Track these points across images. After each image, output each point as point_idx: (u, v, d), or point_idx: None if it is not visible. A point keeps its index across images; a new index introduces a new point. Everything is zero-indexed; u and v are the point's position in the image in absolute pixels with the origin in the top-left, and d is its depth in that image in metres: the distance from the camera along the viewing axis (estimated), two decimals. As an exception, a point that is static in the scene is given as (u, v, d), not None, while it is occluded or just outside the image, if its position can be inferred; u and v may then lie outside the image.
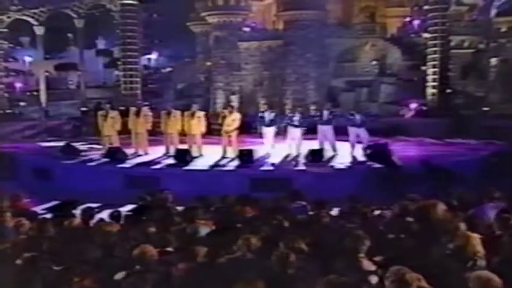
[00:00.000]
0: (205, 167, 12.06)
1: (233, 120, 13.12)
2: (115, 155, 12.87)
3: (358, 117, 13.25)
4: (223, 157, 13.06)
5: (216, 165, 12.35)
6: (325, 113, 13.34)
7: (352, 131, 13.20)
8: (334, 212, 6.67)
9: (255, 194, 8.12)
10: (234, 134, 13.24)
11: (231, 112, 13.36)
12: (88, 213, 6.27)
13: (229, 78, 25.49)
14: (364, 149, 12.24)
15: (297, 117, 13.27)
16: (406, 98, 22.45)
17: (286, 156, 13.10)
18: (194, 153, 13.16)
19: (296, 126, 13.16)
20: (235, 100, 24.86)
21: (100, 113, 14.01)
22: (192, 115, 13.42)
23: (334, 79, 25.38)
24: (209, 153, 13.38)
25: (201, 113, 13.67)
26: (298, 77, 24.52)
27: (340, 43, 25.63)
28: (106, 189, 10.73)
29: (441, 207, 4.74)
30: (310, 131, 13.45)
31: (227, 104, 17.24)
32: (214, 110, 22.98)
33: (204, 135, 13.73)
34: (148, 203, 7.04)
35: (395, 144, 14.30)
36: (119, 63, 26.31)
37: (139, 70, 25.25)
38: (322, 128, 13.26)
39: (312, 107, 14.09)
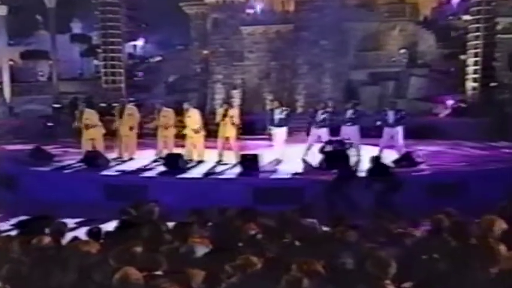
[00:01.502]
0: (201, 175, 12.14)
1: (231, 117, 13.26)
2: (94, 160, 12.94)
3: (391, 114, 13.26)
4: (220, 162, 13.17)
5: (214, 172, 12.43)
6: (349, 111, 13.44)
7: (387, 132, 13.23)
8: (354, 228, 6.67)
9: (259, 207, 8.11)
10: (232, 136, 13.35)
11: (227, 110, 13.43)
12: (60, 230, 6.27)
13: (230, 70, 25.59)
14: (398, 160, 12.28)
15: (320, 116, 13.39)
16: (440, 94, 22.46)
17: (303, 162, 13.07)
18: (194, 158, 13.33)
19: (321, 126, 13.29)
20: (236, 96, 24.95)
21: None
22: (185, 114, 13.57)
23: (354, 71, 25.43)
24: (207, 159, 13.48)
25: (195, 112, 13.74)
26: (311, 69, 24.56)
27: (362, 28, 25.70)
28: (83, 201, 10.79)
29: (499, 223, 4.72)
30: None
31: (225, 101, 17.22)
32: (212, 107, 23.04)
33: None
34: (133, 217, 7.04)
35: (427, 149, 14.31)
36: (98, 51, 26.53)
37: (123, 59, 25.43)
38: (346, 130, 13.36)
39: (329, 104, 14.13)
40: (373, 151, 13.31)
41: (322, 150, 10.94)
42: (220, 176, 12.11)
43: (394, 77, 25.23)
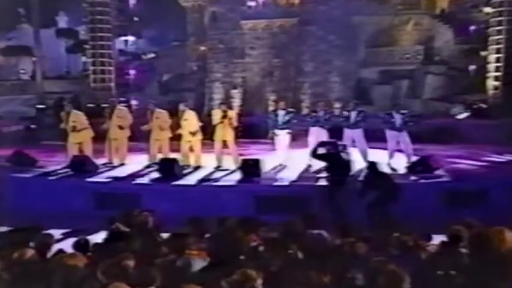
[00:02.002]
0: (198, 182, 12.18)
1: (230, 119, 13.31)
2: (82, 165, 12.96)
3: (398, 117, 13.33)
4: (219, 168, 13.22)
5: (212, 179, 12.47)
6: (353, 112, 13.47)
7: (392, 135, 13.30)
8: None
9: (262, 216, 8.12)
10: (230, 139, 13.42)
11: (224, 110, 13.49)
12: (46, 242, 6.26)
13: (230, 68, 25.66)
14: (413, 166, 12.32)
15: (322, 117, 13.54)
16: (459, 93, 22.42)
17: (307, 168, 13.13)
18: (191, 163, 13.40)
19: (322, 127, 13.45)
20: (237, 96, 24.98)
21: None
22: (181, 116, 13.60)
23: (364, 69, 25.47)
24: (205, 164, 13.55)
25: (192, 113, 13.78)
26: (318, 66, 24.64)
27: (373, 22, 25.72)
28: (70, 211, 10.82)
29: (509, 235, 4.73)
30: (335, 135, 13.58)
31: (223, 101, 17.28)
32: (211, 108, 23.05)
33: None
34: (124, 227, 7.06)
35: (444, 154, 14.31)
36: (86, 47, 26.57)
37: (113, 56, 25.43)
38: (349, 132, 13.42)
39: (336, 105, 14.17)
40: (384, 156, 13.44)
41: (314, 153, 10.92)
42: (219, 183, 12.13)
43: (408, 76, 25.24)
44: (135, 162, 14.03)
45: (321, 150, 10.87)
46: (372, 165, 10.58)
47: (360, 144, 13.39)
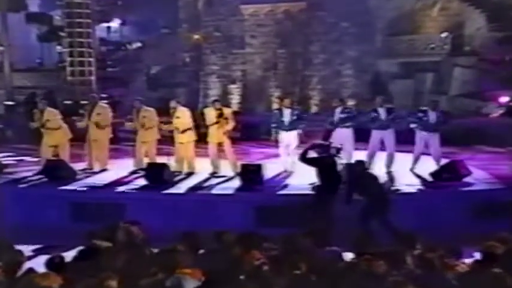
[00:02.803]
0: (192, 190, 12.17)
1: (225, 118, 13.32)
2: (57, 171, 12.92)
3: (433, 116, 13.31)
4: (215, 175, 13.25)
5: (207, 187, 12.47)
6: (382, 111, 13.50)
7: (422, 137, 13.33)
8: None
9: (264, 230, 8.14)
10: (227, 142, 13.41)
11: (219, 108, 13.51)
12: (14, 260, 6.25)
13: (228, 60, 25.69)
14: (439, 172, 12.36)
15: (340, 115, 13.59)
16: (492, 89, 22.41)
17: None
18: (183, 169, 13.43)
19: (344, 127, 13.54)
20: (235, 91, 24.99)
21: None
22: (172, 113, 13.62)
23: (382, 60, 25.44)
24: (199, 170, 13.54)
25: (185, 111, 13.78)
26: (329, 58, 24.66)
27: (393, 6, 25.74)
28: (43, 223, 10.80)
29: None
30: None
31: (217, 99, 17.29)
32: (206, 106, 23.08)
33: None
34: (105, 243, 7.06)
35: (475, 158, 14.36)
36: (62, 34, 26.53)
37: (94, 46, 25.44)
38: (378, 134, 13.49)
39: (350, 102, 14.21)
40: (407, 160, 13.46)
41: (303, 158, 10.91)
42: (214, 192, 12.12)
43: (433, 68, 25.24)
44: (119, 168, 13.99)
45: (312, 154, 10.89)
46: (358, 166, 10.60)
47: (390, 148, 13.46)
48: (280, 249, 6.67)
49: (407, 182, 12.42)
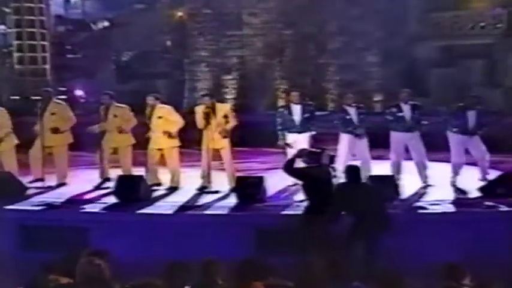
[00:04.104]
0: (175, 209, 12.17)
1: (225, 118, 13.41)
2: (1, 186, 12.87)
3: (472, 115, 13.36)
4: (205, 190, 13.30)
5: (195, 206, 12.48)
6: (406, 108, 13.54)
7: (459, 141, 13.38)
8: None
9: (266, 258, 8.07)
10: (226, 147, 13.51)
11: (213, 106, 13.55)
12: None
13: (221, 44, 25.65)
14: (491, 186, 12.37)
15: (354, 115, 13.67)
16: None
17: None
18: (165, 182, 13.54)
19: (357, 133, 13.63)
20: (230, 84, 24.95)
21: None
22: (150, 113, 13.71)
23: (417, 44, 25.40)
24: (185, 184, 13.66)
25: (166, 109, 13.86)
26: (348, 41, 24.58)
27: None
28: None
29: None
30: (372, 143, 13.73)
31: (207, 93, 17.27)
32: (193, 101, 23.02)
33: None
34: (65, 279, 7.02)
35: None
36: (6, 10, 26.42)
37: (48, 25, 25.42)
38: (402, 138, 13.54)
39: (376, 97, 14.26)
40: (443, 171, 13.52)
41: (288, 168, 10.89)
42: (204, 211, 12.13)
43: (482, 54, 25.14)
44: (82, 181, 14.06)
45: (299, 163, 10.87)
46: (351, 172, 10.53)
47: (419, 154, 13.51)
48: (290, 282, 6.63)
49: (443, 197, 12.47)
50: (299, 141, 13.49)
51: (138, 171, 13.72)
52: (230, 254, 8.07)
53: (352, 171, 10.50)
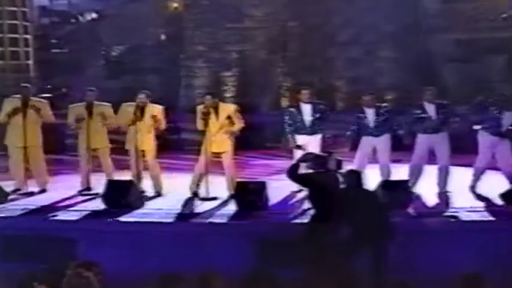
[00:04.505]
0: (168, 218, 12.21)
1: (228, 119, 13.49)
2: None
3: (509, 116, 13.31)
4: (201, 197, 13.34)
5: (192, 214, 12.54)
6: (430, 108, 13.54)
7: (489, 143, 13.37)
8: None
9: (270, 271, 8.01)
10: (228, 151, 13.58)
11: (215, 106, 13.61)
12: None
13: (219, 37, 25.67)
14: None
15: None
16: None
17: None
18: (149, 189, 13.59)
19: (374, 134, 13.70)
20: (230, 81, 24.96)
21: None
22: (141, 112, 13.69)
23: (433, 37, 25.41)
24: (178, 190, 13.68)
25: (158, 108, 13.92)
26: (358, 33, 24.59)
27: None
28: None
29: None
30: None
31: (210, 91, 17.25)
32: (190, 100, 23.03)
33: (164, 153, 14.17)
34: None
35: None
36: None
37: (30, 17, 25.45)
38: (426, 140, 13.54)
39: (388, 95, 14.32)
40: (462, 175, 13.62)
41: (292, 174, 10.84)
42: (202, 220, 12.19)
43: (504, 48, 25.16)
44: (64, 187, 14.11)
45: (304, 169, 10.85)
46: (349, 178, 10.50)
47: (443, 158, 13.48)
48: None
49: (464, 205, 12.54)
50: (309, 143, 13.50)
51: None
52: (229, 266, 8.31)
53: (352, 176, 10.56)
